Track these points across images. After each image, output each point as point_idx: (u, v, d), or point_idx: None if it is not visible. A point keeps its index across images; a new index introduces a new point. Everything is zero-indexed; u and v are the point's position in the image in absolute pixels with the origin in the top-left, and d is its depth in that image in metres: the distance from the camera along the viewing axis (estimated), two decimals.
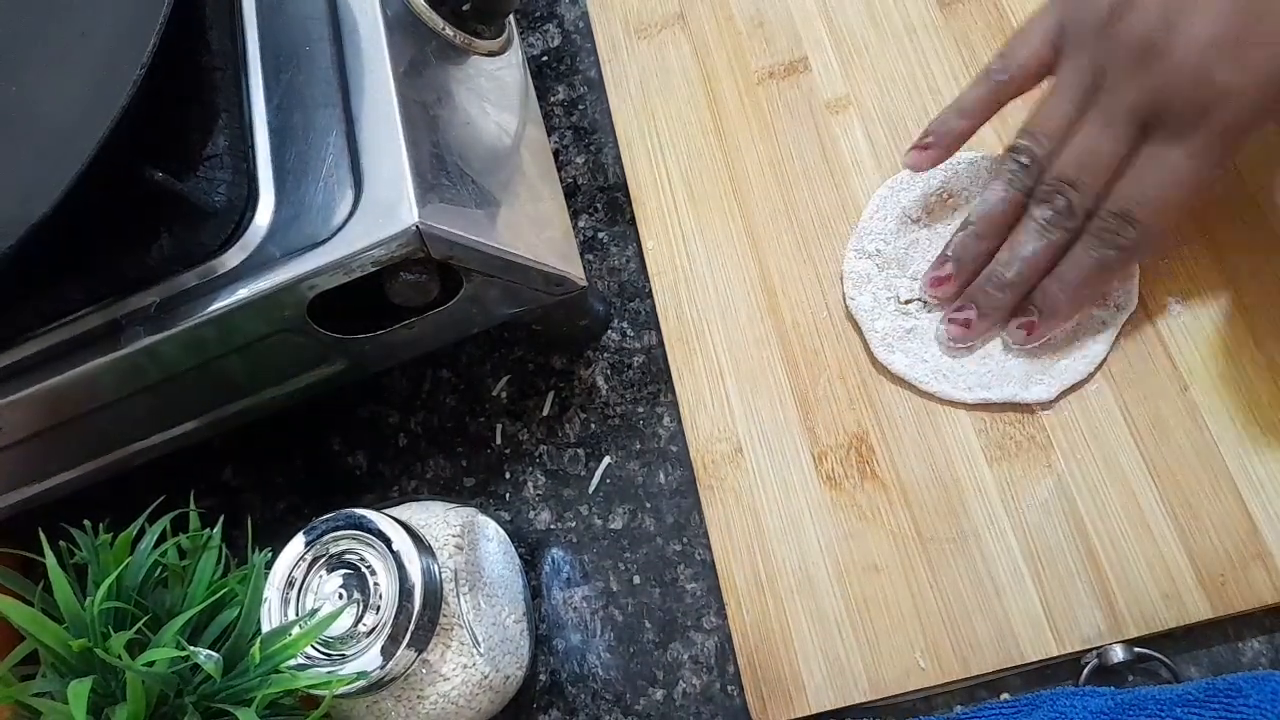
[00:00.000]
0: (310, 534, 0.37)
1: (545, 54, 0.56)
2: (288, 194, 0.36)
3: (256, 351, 0.38)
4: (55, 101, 0.35)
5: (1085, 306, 0.40)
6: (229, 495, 0.52)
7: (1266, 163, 0.42)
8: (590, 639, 0.44)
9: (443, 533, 0.40)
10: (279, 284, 0.35)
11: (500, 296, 0.40)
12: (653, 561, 0.44)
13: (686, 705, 0.42)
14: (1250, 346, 0.39)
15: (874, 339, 0.43)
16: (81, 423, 0.40)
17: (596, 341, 0.49)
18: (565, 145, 0.54)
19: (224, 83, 0.38)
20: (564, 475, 0.47)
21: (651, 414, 0.47)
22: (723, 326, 0.46)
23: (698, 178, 0.49)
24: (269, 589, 0.36)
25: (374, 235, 0.34)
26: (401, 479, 0.50)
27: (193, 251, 0.36)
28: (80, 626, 0.35)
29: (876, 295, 0.43)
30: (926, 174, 0.44)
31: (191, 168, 0.36)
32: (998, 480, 0.40)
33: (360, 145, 0.36)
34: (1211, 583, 0.37)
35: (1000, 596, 0.38)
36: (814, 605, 0.40)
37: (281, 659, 0.34)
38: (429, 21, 0.41)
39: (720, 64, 0.51)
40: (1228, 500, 0.37)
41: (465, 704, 0.38)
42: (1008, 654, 0.38)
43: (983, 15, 0.48)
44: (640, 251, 0.49)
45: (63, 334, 0.37)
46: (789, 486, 0.42)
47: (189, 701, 0.34)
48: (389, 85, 0.36)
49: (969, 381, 0.41)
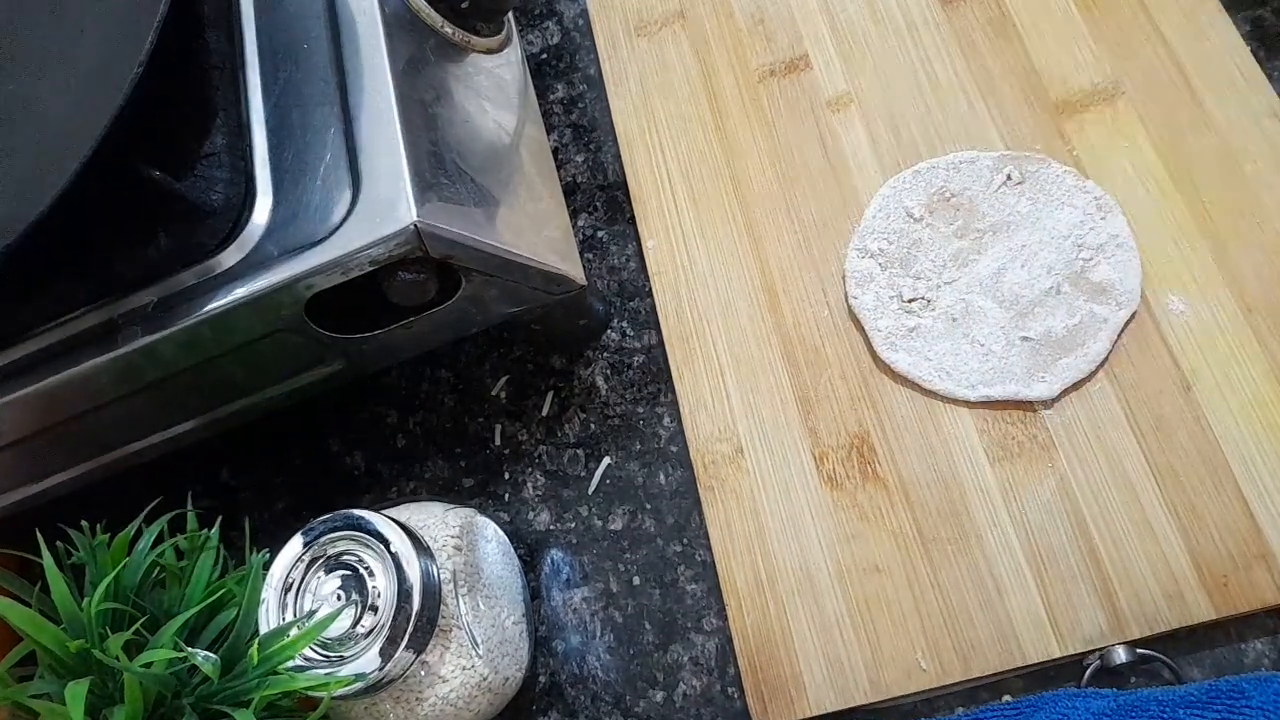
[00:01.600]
0: (308, 535, 0.37)
1: (544, 52, 0.56)
2: (285, 193, 0.36)
3: (254, 351, 0.38)
4: (53, 100, 0.35)
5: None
6: (227, 496, 0.52)
7: (1274, 164, 0.41)
8: (590, 640, 0.44)
9: (441, 534, 0.39)
10: (277, 283, 0.35)
11: (499, 296, 0.40)
12: (653, 562, 0.44)
13: (687, 707, 0.42)
14: (1254, 345, 0.39)
15: (877, 338, 0.43)
16: (79, 423, 0.40)
17: (596, 341, 0.49)
18: (565, 143, 0.54)
19: (221, 81, 0.38)
20: (563, 476, 0.47)
21: (651, 414, 0.47)
22: (723, 326, 0.46)
23: (698, 176, 0.49)
24: (267, 590, 0.36)
25: (372, 234, 0.34)
26: (400, 479, 0.49)
27: (190, 250, 0.36)
28: (78, 627, 0.34)
29: (879, 294, 0.43)
30: (928, 174, 0.44)
31: (189, 166, 0.36)
32: (1000, 480, 0.40)
33: (358, 144, 0.36)
34: (1214, 583, 0.36)
35: (1002, 597, 0.38)
36: (815, 606, 0.40)
37: (279, 660, 0.34)
38: (427, 19, 0.40)
39: (720, 62, 0.51)
40: (1230, 501, 0.37)
41: (464, 706, 0.38)
42: (1010, 655, 0.38)
43: (984, 12, 0.48)
44: (640, 250, 0.49)
45: (60, 333, 0.37)
46: (790, 487, 0.42)
47: (187, 703, 0.34)
48: (387, 83, 0.36)
49: (971, 379, 0.41)
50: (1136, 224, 0.42)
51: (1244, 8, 0.45)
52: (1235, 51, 0.43)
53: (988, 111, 0.46)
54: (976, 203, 0.44)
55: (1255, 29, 0.44)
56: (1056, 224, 0.42)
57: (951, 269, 0.43)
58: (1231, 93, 0.43)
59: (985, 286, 0.42)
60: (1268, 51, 0.44)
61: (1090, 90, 0.45)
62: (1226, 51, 0.43)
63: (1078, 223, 0.42)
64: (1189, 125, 0.43)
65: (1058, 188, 0.43)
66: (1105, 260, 0.41)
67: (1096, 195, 0.42)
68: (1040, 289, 0.41)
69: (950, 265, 0.43)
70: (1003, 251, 0.43)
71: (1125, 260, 0.41)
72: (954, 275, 0.43)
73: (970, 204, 0.44)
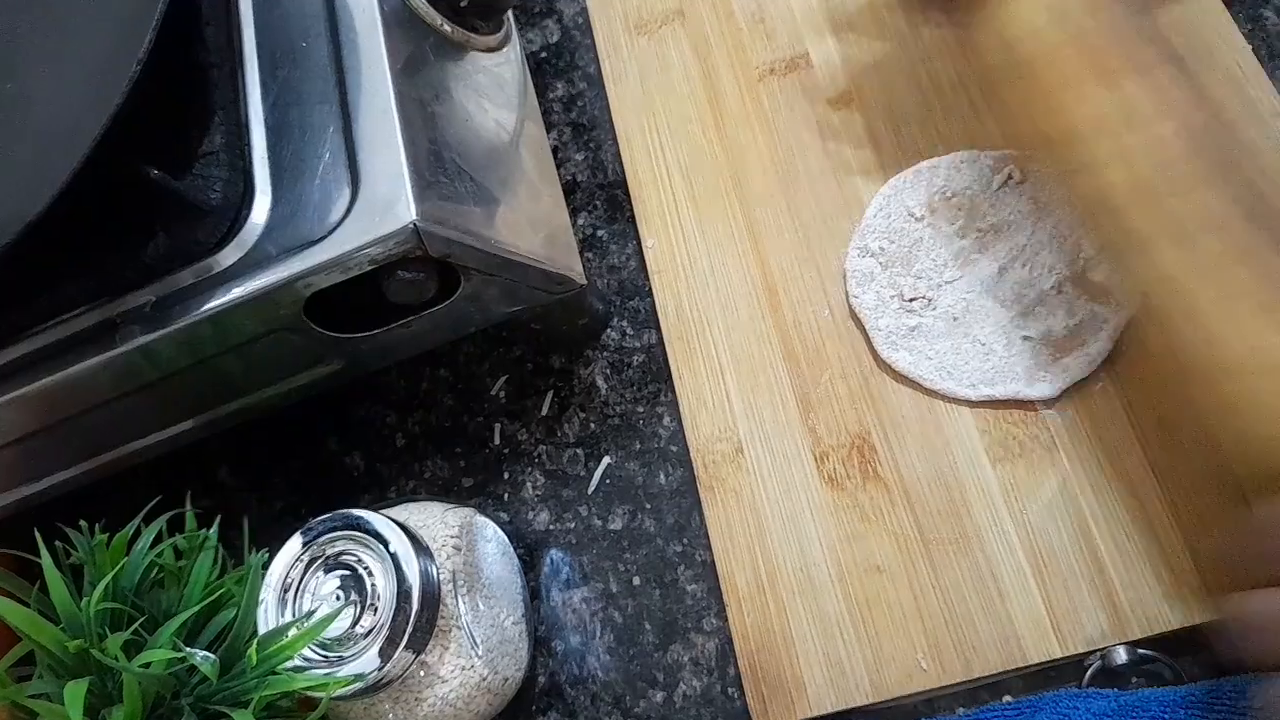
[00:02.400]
0: (307, 535, 0.37)
1: (544, 50, 0.56)
2: (284, 191, 0.36)
3: (253, 350, 0.38)
4: (51, 99, 0.35)
5: None
6: (226, 495, 0.52)
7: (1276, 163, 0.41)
8: (589, 640, 0.44)
9: (441, 533, 0.39)
10: (275, 282, 0.34)
11: (499, 295, 0.39)
12: (653, 562, 0.44)
13: (687, 707, 0.41)
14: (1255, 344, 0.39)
15: (878, 337, 0.43)
16: (77, 422, 0.40)
17: (596, 340, 0.49)
18: (564, 142, 0.53)
19: (220, 80, 0.38)
20: (563, 475, 0.47)
21: (651, 414, 0.47)
22: (723, 325, 0.46)
23: (698, 175, 0.49)
24: (266, 590, 0.36)
25: (371, 233, 0.34)
26: (399, 479, 0.49)
27: (189, 249, 0.36)
28: (76, 627, 0.34)
29: (880, 293, 0.43)
30: (929, 173, 0.44)
31: (187, 165, 0.36)
32: (1001, 480, 0.40)
33: (357, 142, 0.36)
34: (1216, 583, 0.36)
35: (1003, 598, 0.38)
36: (815, 606, 0.40)
37: (278, 660, 0.34)
38: (426, 17, 0.40)
39: (720, 60, 0.51)
40: (1232, 501, 0.37)
41: (463, 706, 0.38)
42: (1010, 655, 0.37)
43: None
44: (640, 249, 0.49)
45: (58, 332, 0.37)
46: (790, 486, 0.42)
47: (185, 703, 0.34)
48: (386, 82, 0.36)
49: (973, 378, 0.41)
50: None
51: (1245, 7, 0.45)
52: (1237, 51, 0.43)
53: (989, 110, 0.46)
54: (978, 202, 0.44)
55: (1257, 28, 0.44)
56: (1058, 223, 0.42)
57: (953, 268, 0.43)
58: (1234, 92, 0.43)
59: (986, 286, 0.42)
60: (1269, 50, 0.44)
61: None
62: (1228, 50, 0.43)
63: (1079, 222, 0.42)
64: None
65: (1060, 186, 0.43)
66: (1107, 260, 0.41)
67: None
68: (1041, 288, 0.41)
69: (951, 264, 0.43)
70: (1004, 251, 0.42)
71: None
72: (955, 274, 0.43)
73: (971, 203, 0.44)
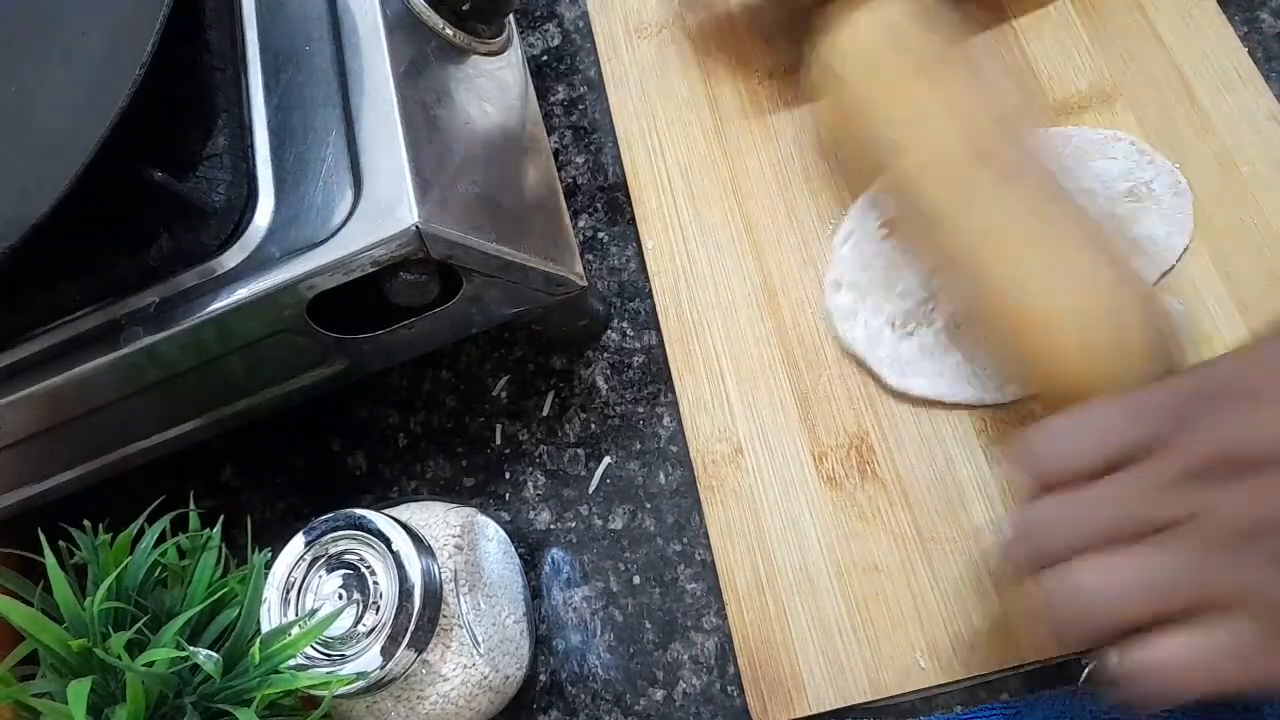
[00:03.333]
0: (310, 534, 0.37)
1: (545, 53, 0.56)
2: (287, 194, 0.36)
3: (256, 351, 0.38)
4: (55, 101, 0.35)
5: None
6: (229, 495, 0.52)
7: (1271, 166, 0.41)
8: (590, 639, 0.44)
9: (442, 533, 0.40)
10: (278, 284, 0.35)
11: (500, 296, 0.40)
12: (653, 562, 0.44)
13: (686, 706, 0.42)
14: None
15: (882, 368, 0.42)
16: (81, 423, 0.40)
17: (596, 341, 0.49)
18: (565, 145, 0.54)
19: (223, 82, 0.38)
20: (564, 475, 0.47)
21: (651, 414, 0.47)
22: (723, 326, 0.46)
23: (698, 177, 0.49)
24: (269, 589, 0.36)
25: (373, 235, 0.34)
26: (401, 479, 0.50)
27: (192, 251, 0.36)
28: (80, 627, 0.35)
29: (868, 324, 0.42)
30: None
31: (191, 168, 0.36)
32: (1000, 480, 0.40)
33: (360, 145, 0.36)
34: None
35: (1002, 597, 0.38)
36: (814, 605, 0.40)
37: (281, 659, 0.34)
38: (429, 21, 0.41)
39: (721, 63, 0.51)
40: None
41: (465, 704, 0.38)
42: (1008, 655, 0.38)
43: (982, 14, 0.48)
44: (640, 251, 0.49)
45: (62, 334, 0.37)
46: (789, 486, 0.42)
47: (188, 702, 0.34)
48: (389, 85, 0.36)
49: (998, 379, 0.40)
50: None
51: (1241, 9, 0.45)
52: (1233, 53, 0.43)
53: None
54: None
55: (1253, 30, 0.45)
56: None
57: (938, 274, 0.42)
58: (1229, 94, 0.43)
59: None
60: (1265, 53, 0.44)
61: (1087, 92, 0.45)
62: (1224, 53, 0.44)
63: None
64: (1186, 127, 0.43)
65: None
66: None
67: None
68: None
69: (935, 272, 0.42)
70: None
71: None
72: (943, 279, 0.42)
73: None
